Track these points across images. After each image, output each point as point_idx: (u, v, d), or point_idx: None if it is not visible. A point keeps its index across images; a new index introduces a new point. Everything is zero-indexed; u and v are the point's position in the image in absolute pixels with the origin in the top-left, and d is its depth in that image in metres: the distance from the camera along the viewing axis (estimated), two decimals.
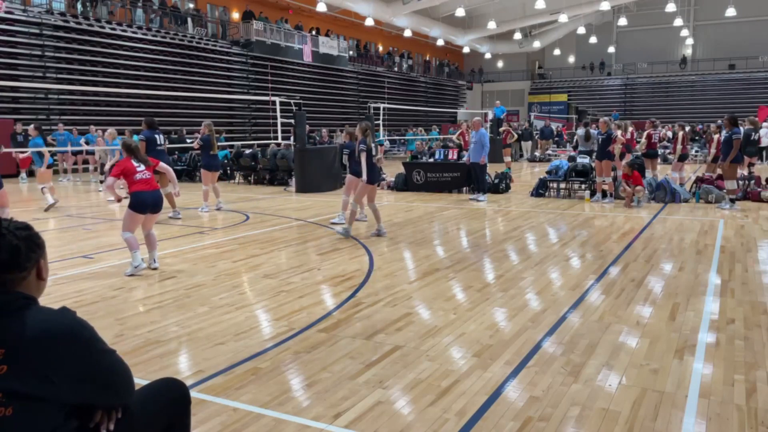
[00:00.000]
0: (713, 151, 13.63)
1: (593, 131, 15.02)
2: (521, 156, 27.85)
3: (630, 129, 15.73)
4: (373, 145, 9.03)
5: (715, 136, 13.82)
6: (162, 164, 7.22)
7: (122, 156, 6.92)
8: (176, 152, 19.82)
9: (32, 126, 14.55)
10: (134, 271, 6.70)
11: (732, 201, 11.62)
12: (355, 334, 4.70)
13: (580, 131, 16.16)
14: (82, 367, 1.76)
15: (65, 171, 20.45)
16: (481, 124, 13.75)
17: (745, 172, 14.30)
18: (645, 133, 15.22)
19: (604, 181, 12.75)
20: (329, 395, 3.61)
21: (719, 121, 16.92)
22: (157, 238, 7.19)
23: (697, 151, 23.70)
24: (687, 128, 14.98)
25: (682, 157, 14.60)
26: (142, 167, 6.80)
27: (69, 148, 18.95)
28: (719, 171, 12.93)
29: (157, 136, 10.76)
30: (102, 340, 1.86)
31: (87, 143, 19.36)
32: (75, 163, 21.00)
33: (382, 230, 9.10)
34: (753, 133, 16.37)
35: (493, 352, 4.27)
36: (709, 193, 12.52)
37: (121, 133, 19.88)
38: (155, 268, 6.98)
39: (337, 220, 10.19)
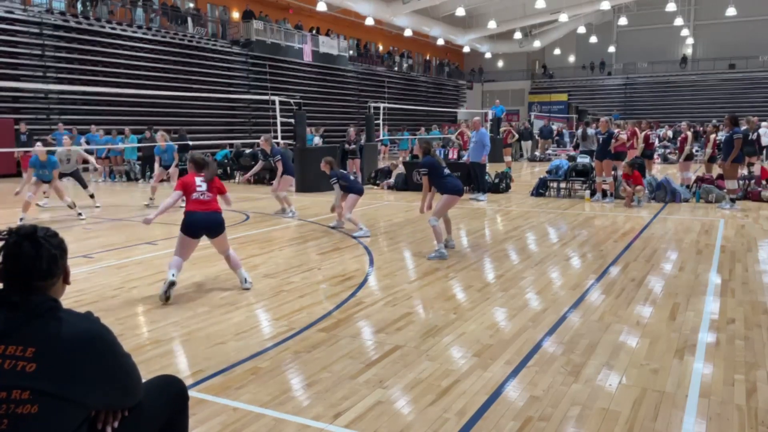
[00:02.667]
0: (708, 150, 13.65)
1: (591, 131, 15.06)
2: (521, 156, 27.85)
3: (627, 128, 15.71)
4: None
5: (711, 136, 13.84)
6: None
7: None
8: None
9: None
10: (165, 289, 5.57)
11: (732, 201, 11.62)
12: (355, 334, 4.70)
13: (580, 131, 16.22)
14: (106, 370, 1.84)
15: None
16: (481, 124, 13.74)
17: (745, 172, 14.29)
18: (642, 135, 15.23)
19: (604, 180, 12.75)
20: (329, 395, 3.61)
21: (714, 121, 16.88)
22: (237, 257, 6.19)
23: (697, 151, 23.71)
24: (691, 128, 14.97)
25: (688, 157, 14.54)
26: (204, 186, 5.92)
27: (71, 148, 18.92)
28: (719, 171, 12.93)
29: None
30: (121, 345, 1.94)
31: (87, 143, 19.37)
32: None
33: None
34: (750, 133, 16.37)
35: (493, 352, 4.27)
36: (710, 192, 12.52)
37: (120, 133, 19.97)
38: (247, 288, 6.02)
39: (362, 233, 9.06)
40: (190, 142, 20.89)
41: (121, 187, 18.17)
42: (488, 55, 51.31)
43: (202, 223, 5.78)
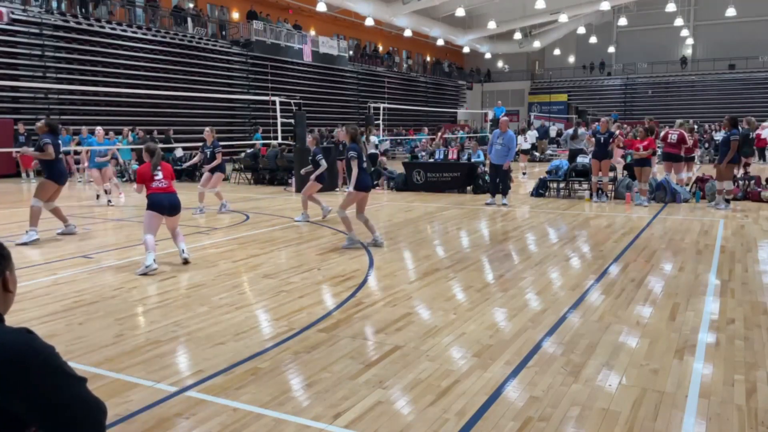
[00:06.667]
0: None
1: (582, 130, 15.16)
2: None
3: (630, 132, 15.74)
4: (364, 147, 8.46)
5: (689, 136, 14.06)
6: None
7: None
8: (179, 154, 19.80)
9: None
10: (145, 270, 6.78)
11: (727, 201, 11.64)
12: (355, 334, 4.70)
13: (570, 131, 16.31)
14: (32, 396, 1.55)
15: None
16: (508, 125, 12.68)
17: (742, 172, 14.28)
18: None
19: (600, 180, 12.78)
20: (329, 395, 3.61)
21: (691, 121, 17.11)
22: (181, 234, 7.61)
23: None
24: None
25: (667, 157, 14.37)
26: (160, 174, 7.27)
27: (71, 148, 18.96)
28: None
29: None
30: (63, 369, 1.60)
31: (79, 144, 19.30)
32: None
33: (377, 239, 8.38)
34: (751, 133, 16.37)
35: (493, 352, 4.27)
36: (712, 190, 12.48)
37: (118, 133, 19.97)
38: (186, 260, 7.29)
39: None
40: (189, 144, 20.90)
41: (122, 187, 18.13)
42: (488, 56, 51.31)
43: (166, 202, 7.14)
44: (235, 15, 32.89)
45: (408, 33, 39.69)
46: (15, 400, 1.52)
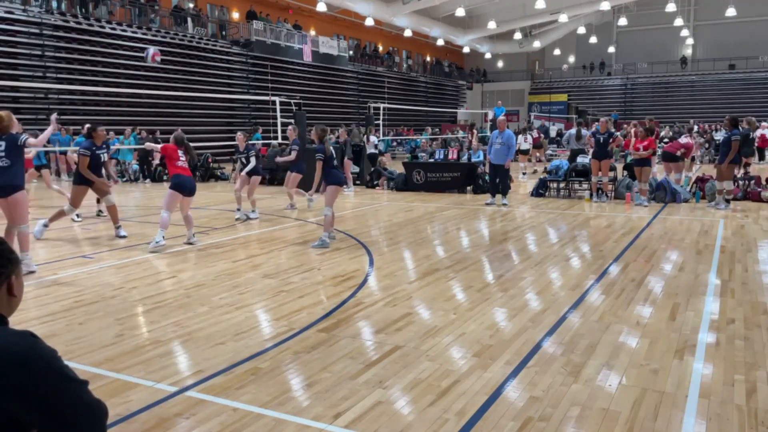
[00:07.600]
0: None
1: (585, 131, 15.15)
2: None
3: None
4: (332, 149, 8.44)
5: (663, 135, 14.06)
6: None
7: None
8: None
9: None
10: (155, 247, 7.87)
11: (727, 201, 11.63)
12: (355, 334, 4.70)
13: (572, 131, 16.30)
14: (34, 399, 1.55)
15: (58, 173, 20.27)
16: (506, 124, 12.80)
17: (742, 172, 14.29)
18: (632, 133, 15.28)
19: (600, 180, 12.78)
20: (329, 395, 3.61)
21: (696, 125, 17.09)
22: (192, 217, 8.50)
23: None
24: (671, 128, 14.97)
25: (674, 157, 14.34)
26: (183, 157, 8.23)
27: (71, 148, 18.94)
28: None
29: None
30: (64, 373, 1.61)
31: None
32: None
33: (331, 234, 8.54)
34: (751, 133, 16.39)
35: (493, 352, 4.27)
36: (712, 190, 12.50)
37: (119, 133, 19.98)
38: (192, 243, 8.32)
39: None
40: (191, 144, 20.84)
41: (119, 187, 18.15)
42: (488, 56, 51.31)
43: (188, 184, 8.13)
44: (235, 15, 32.87)
45: (408, 33, 39.69)
46: (17, 404, 1.52)
